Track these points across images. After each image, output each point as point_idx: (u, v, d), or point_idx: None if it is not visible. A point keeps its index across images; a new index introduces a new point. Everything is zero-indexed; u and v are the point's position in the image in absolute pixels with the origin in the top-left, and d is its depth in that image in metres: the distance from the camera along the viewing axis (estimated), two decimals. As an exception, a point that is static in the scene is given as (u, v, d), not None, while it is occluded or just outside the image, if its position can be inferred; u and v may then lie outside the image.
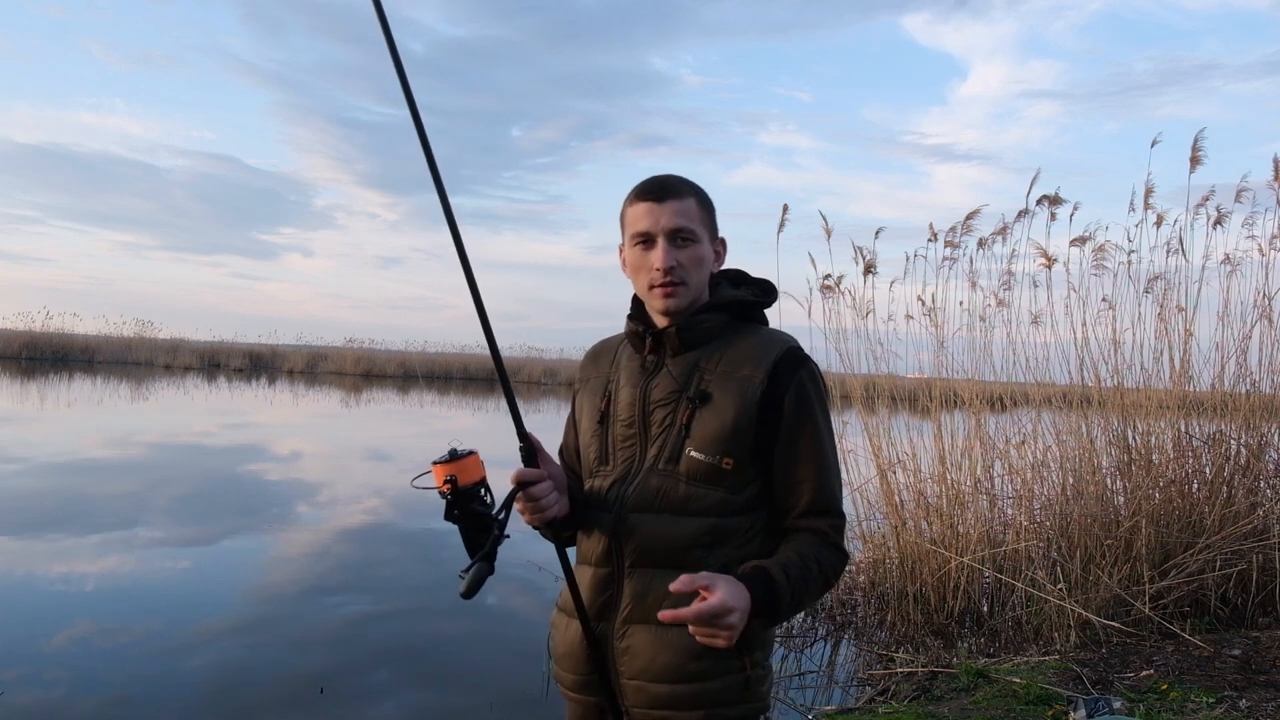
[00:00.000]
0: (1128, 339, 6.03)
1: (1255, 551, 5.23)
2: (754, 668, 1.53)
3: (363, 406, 24.85)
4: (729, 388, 1.52)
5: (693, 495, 1.52)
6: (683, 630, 1.47)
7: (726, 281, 1.68)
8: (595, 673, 1.58)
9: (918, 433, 6.33)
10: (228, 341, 42.78)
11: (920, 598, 5.63)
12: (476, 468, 1.49)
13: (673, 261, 1.55)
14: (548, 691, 4.55)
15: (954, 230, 6.19)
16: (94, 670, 4.56)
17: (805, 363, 1.57)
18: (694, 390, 1.54)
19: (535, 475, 1.53)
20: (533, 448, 1.55)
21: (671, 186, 1.58)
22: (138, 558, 6.82)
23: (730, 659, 1.49)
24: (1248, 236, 5.99)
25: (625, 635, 1.55)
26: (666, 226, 1.55)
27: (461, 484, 1.46)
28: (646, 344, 1.62)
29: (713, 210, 1.65)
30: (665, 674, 1.51)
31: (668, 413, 1.56)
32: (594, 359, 1.76)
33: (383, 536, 8.20)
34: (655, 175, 1.61)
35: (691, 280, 1.57)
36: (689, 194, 1.59)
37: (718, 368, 1.55)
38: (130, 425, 16.17)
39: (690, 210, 1.57)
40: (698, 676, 1.50)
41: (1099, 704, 3.72)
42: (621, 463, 1.60)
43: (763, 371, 1.53)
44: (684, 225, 1.55)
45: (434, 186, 1.47)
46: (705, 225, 1.60)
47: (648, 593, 1.53)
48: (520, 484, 1.52)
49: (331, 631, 5.42)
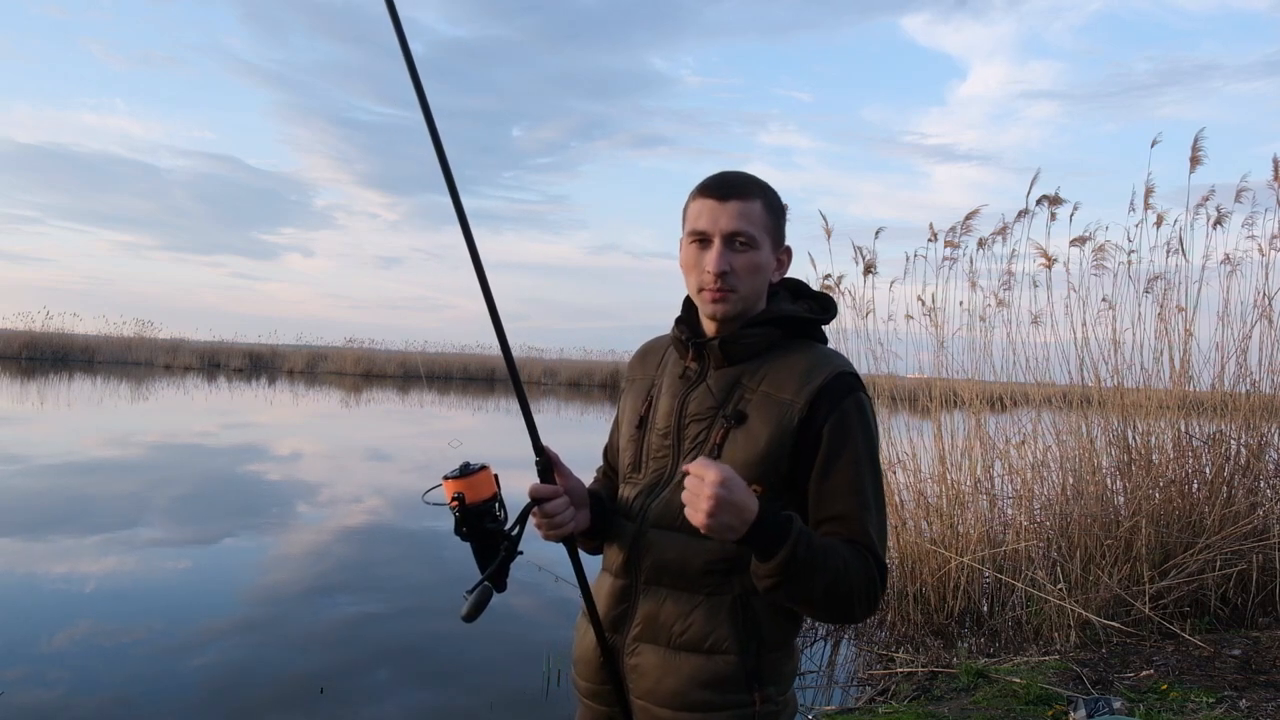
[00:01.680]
0: (1128, 339, 6.04)
1: (1255, 551, 5.24)
2: (765, 703, 1.44)
3: (363, 406, 24.85)
4: (767, 411, 1.43)
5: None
6: (692, 657, 1.44)
7: (786, 293, 1.56)
8: (608, 684, 1.54)
9: (918, 433, 6.33)
10: (228, 341, 42.82)
11: (920, 598, 5.63)
12: (487, 484, 1.44)
13: (725, 266, 1.44)
14: (548, 691, 4.55)
15: (954, 230, 6.20)
16: (94, 670, 4.56)
17: (853, 391, 1.44)
18: (731, 409, 1.46)
19: (550, 491, 1.48)
20: (549, 462, 1.50)
21: (738, 185, 1.48)
22: (138, 558, 6.82)
23: (738, 691, 1.43)
24: (1248, 236, 6.00)
25: (635, 653, 1.51)
26: (725, 229, 1.45)
27: (470, 501, 1.41)
28: (690, 352, 1.53)
29: (782, 216, 1.54)
30: (670, 699, 1.46)
31: (702, 429, 1.48)
32: (642, 359, 1.68)
33: (383, 536, 8.20)
34: (725, 171, 1.51)
35: (744, 288, 1.47)
36: (756, 196, 1.48)
37: (760, 387, 1.45)
38: (130, 425, 16.17)
39: (754, 213, 1.46)
40: (702, 706, 1.44)
41: (1099, 704, 3.72)
42: (652, 473, 1.54)
43: (805, 397, 1.41)
44: (743, 229, 1.45)
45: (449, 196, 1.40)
46: (769, 231, 1.49)
47: (659, 613, 1.48)
48: (535, 500, 1.48)
49: (331, 631, 5.42)
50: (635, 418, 1.60)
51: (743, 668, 1.43)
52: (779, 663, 1.47)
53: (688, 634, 1.45)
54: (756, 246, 1.47)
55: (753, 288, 1.48)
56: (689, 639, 1.45)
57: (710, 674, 1.43)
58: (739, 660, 1.43)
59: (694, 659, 1.44)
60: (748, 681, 1.43)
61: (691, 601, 1.46)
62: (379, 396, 28.40)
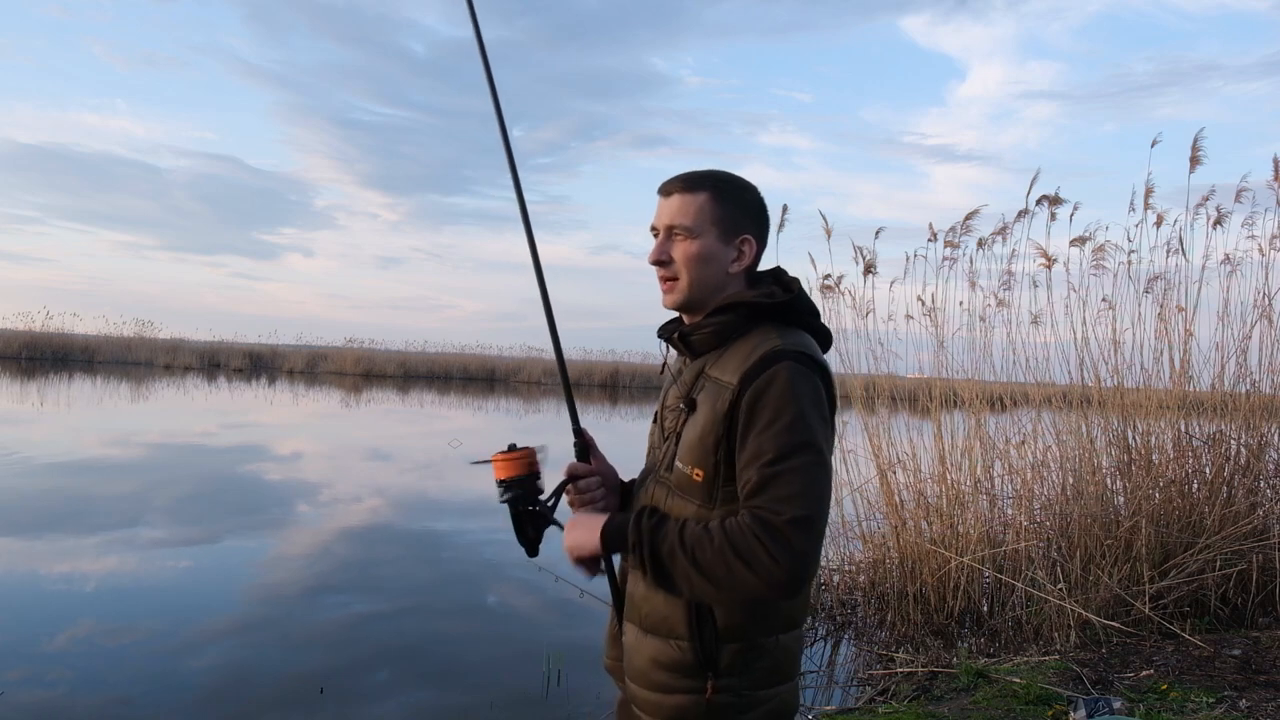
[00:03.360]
0: (1128, 339, 6.04)
1: (1255, 551, 5.24)
2: (721, 693, 1.46)
3: (363, 406, 24.85)
4: (710, 396, 1.48)
5: (674, 505, 1.52)
6: (654, 639, 1.53)
7: (746, 281, 1.59)
8: (620, 660, 1.67)
9: (918, 433, 6.34)
10: (228, 341, 42.77)
11: (920, 598, 5.63)
12: (530, 462, 1.60)
13: (660, 256, 1.55)
14: (548, 691, 4.55)
15: (954, 230, 6.20)
16: (95, 670, 4.56)
17: (780, 358, 1.41)
18: (687, 397, 1.54)
19: (585, 469, 1.65)
20: (586, 444, 1.66)
21: (683, 180, 1.56)
22: (139, 558, 6.82)
23: (693, 677, 1.48)
24: (1248, 236, 6.00)
25: (625, 631, 1.63)
26: (665, 222, 1.56)
27: (513, 475, 1.58)
28: (671, 347, 1.65)
29: (738, 205, 1.55)
30: (637, 677, 1.57)
31: (674, 418, 1.58)
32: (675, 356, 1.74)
33: (383, 536, 8.19)
34: (685, 171, 1.59)
35: (685, 277, 1.53)
36: (702, 188, 1.53)
37: (712, 374, 1.50)
38: (130, 425, 16.17)
39: (694, 205, 1.52)
40: (660, 687, 1.52)
41: (1099, 704, 3.73)
42: (651, 464, 1.66)
43: (737, 378, 1.43)
44: (678, 221, 1.53)
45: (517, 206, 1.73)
46: (716, 221, 1.52)
47: (635, 593, 1.59)
48: (571, 476, 1.63)
49: (331, 631, 5.42)
50: (658, 409, 1.71)
51: (696, 655, 1.48)
52: (745, 656, 1.48)
53: (652, 616, 1.54)
54: (695, 236, 1.52)
55: (698, 277, 1.54)
56: (652, 621, 1.54)
57: (667, 657, 1.51)
58: (691, 647, 1.49)
59: (655, 641, 1.53)
60: (701, 668, 1.47)
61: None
62: (379, 396, 28.39)
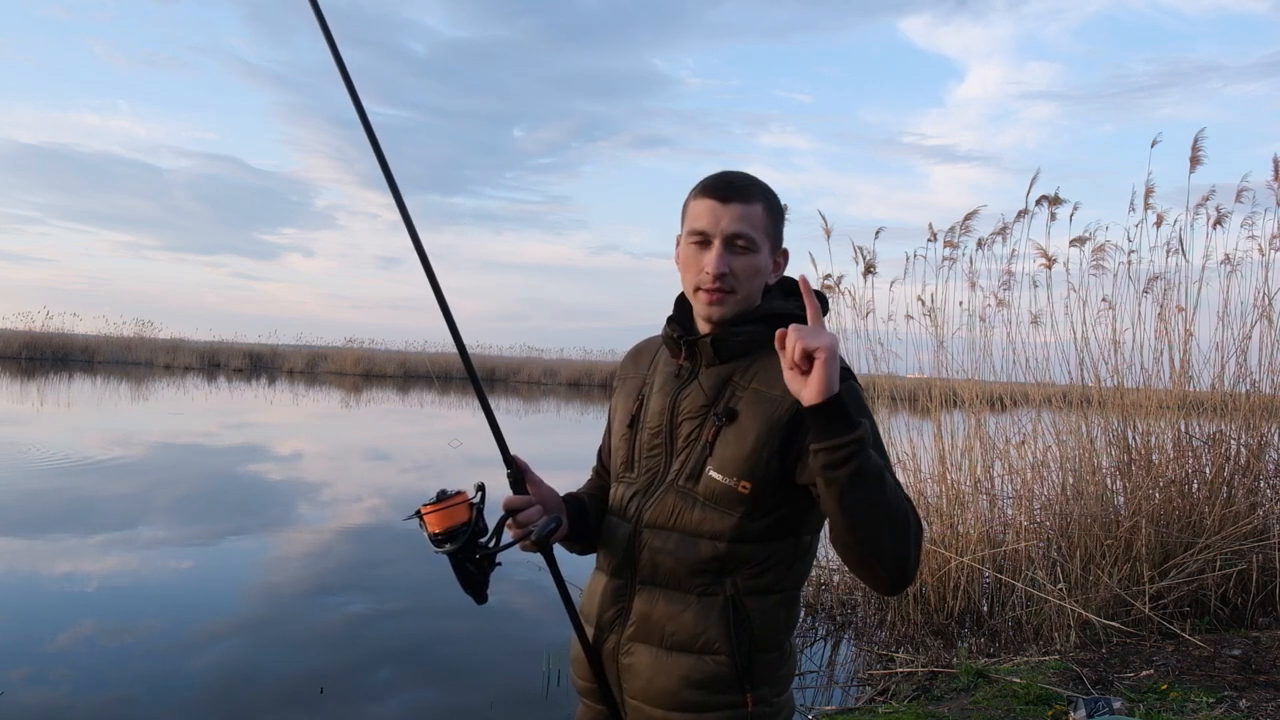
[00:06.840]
0: (1128, 339, 6.05)
1: (1255, 551, 5.24)
2: (758, 704, 1.44)
3: (363, 406, 24.86)
4: (757, 407, 1.43)
5: (707, 517, 1.44)
6: (683, 657, 1.45)
7: (779, 291, 1.54)
8: (598, 682, 1.56)
9: (918, 433, 6.34)
10: (228, 341, 42.71)
11: (920, 598, 5.63)
12: (467, 506, 1.51)
13: (725, 268, 1.44)
14: (548, 691, 4.55)
15: (953, 230, 6.20)
16: (96, 670, 4.56)
17: (843, 379, 1.37)
18: (722, 406, 1.46)
19: (523, 501, 1.51)
20: (520, 472, 1.53)
21: (740, 188, 1.47)
22: (139, 558, 6.82)
23: (729, 691, 1.43)
24: (1248, 236, 6.00)
25: (629, 652, 1.52)
26: (726, 230, 1.44)
27: (449, 526, 1.50)
28: (681, 351, 1.54)
29: (781, 219, 1.54)
30: (661, 699, 1.47)
31: (694, 427, 1.49)
32: (634, 358, 1.69)
33: (383, 536, 8.19)
34: (726, 171, 1.51)
35: (742, 290, 1.47)
36: (757, 198, 1.47)
37: (750, 384, 1.45)
38: (131, 425, 16.17)
39: (755, 216, 1.46)
40: (693, 707, 1.44)
41: (1099, 704, 3.73)
42: (645, 473, 1.55)
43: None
44: (744, 231, 1.45)
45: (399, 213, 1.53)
46: (768, 234, 1.49)
47: (652, 612, 1.49)
48: (509, 511, 1.51)
49: (332, 631, 5.43)
50: (626, 417, 1.61)
51: (734, 668, 1.43)
52: (773, 665, 1.47)
53: (679, 634, 1.46)
54: (756, 250, 1.47)
55: (750, 290, 1.48)
56: (680, 639, 1.46)
57: (701, 674, 1.44)
58: (730, 661, 1.43)
59: (685, 659, 1.45)
60: (739, 682, 1.43)
61: (684, 602, 1.47)
62: (379, 396, 28.40)
